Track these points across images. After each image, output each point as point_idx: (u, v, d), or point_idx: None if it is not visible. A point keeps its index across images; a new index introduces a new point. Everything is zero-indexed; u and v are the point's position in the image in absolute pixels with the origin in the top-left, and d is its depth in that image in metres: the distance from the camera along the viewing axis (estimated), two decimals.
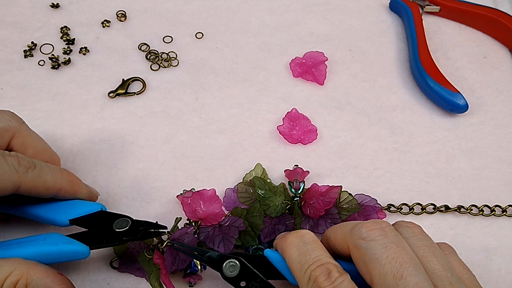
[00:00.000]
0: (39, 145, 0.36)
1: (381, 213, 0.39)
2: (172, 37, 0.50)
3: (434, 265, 0.29)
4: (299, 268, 0.30)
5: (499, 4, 0.53)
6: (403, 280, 0.27)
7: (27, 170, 0.32)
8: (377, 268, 0.28)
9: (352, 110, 0.46)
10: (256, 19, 0.52)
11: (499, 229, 0.40)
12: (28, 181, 0.31)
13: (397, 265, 0.28)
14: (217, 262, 0.32)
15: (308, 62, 0.47)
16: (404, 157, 0.43)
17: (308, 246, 0.31)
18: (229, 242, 0.35)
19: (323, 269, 0.29)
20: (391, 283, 0.27)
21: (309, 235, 0.32)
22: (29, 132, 0.35)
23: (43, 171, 0.33)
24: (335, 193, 0.38)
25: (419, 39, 0.48)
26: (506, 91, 0.47)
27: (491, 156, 0.43)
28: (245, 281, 0.31)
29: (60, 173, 0.34)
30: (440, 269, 0.29)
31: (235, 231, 0.36)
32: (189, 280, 0.35)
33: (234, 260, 0.32)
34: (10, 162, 0.31)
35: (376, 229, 0.30)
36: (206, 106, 0.45)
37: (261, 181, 0.39)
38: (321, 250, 0.31)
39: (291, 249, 0.31)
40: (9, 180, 0.30)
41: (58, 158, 0.37)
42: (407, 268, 0.28)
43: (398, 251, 0.29)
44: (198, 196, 0.38)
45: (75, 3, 0.52)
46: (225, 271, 0.32)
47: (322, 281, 0.28)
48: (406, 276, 0.28)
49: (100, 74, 0.47)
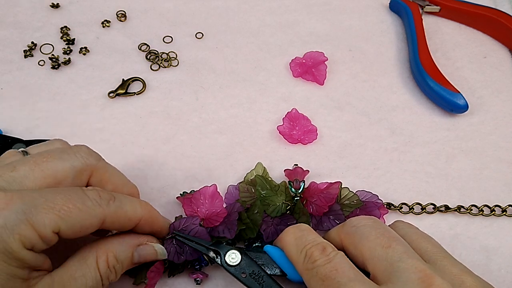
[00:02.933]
0: (118, 180, 0.34)
1: (383, 209, 0.39)
2: (172, 37, 0.50)
3: (426, 245, 0.31)
4: (295, 251, 0.32)
5: (499, 4, 0.53)
6: (391, 249, 0.29)
7: (108, 202, 0.30)
8: (366, 244, 0.30)
9: (352, 110, 0.46)
10: (256, 19, 0.52)
11: (499, 229, 0.40)
12: (112, 213, 0.30)
13: (385, 239, 0.30)
14: (219, 253, 0.34)
15: (308, 62, 0.47)
16: (404, 157, 0.43)
17: (303, 232, 0.32)
18: (232, 225, 0.36)
19: (318, 247, 0.31)
20: (380, 253, 0.29)
21: (304, 225, 0.34)
22: (106, 168, 0.33)
23: (123, 202, 0.31)
24: (335, 188, 0.38)
25: (419, 39, 0.48)
26: (506, 91, 0.47)
27: (491, 156, 0.43)
28: (246, 271, 0.33)
29: (139, 203, 0.33)
30: (431, 248, 0.31)
31: (235, 215, 0.37)
32: (196, 277, 0.35)
33: (235, 251, 0.33)
34: (91, 197, 0.29)
35: (366, 219, 0.32)
36: (206, 106, 0.45)
37: (263, 179, 0.39)
38: (315, 235, 0.32)
39: (288, 235, 0.33)
40: (95, 215, 0.29)
41: (137, 191, 0.36)
42: (395, 240, 0.30)
43: (385, 230, 0.31)
44: (198, 195, 0.38)
45: (75, 3, 0.52)
46: (227, 260, 0.33)
47: (316, 255, 0.30)
48: (394, 245, 0.29)
49: (100, 74, 0.47)
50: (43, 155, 0.31)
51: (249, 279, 0.33)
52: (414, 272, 0.28)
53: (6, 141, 0.41)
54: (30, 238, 0.26)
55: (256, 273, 0.33)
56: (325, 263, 0.29)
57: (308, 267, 0.30)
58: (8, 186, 0.28)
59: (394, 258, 0.29)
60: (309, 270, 0.30)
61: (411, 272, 0.28)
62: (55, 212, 0.27)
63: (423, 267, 0.28)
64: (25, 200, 0.27)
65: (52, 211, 0.27)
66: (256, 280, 0.32)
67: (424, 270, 0.28)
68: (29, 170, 0.29)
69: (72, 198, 0.28)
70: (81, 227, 0.28)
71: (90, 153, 0.33)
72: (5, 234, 0.25)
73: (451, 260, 0.30)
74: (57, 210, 0.27)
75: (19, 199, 0.26)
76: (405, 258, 0.29)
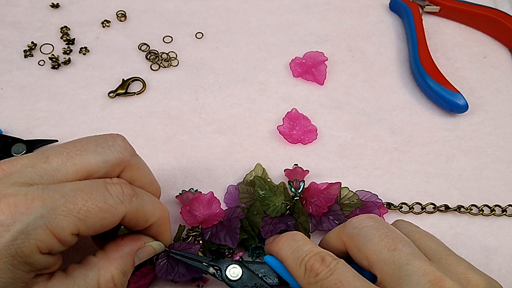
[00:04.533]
0: (147, 179, 0.33)
1: (383, 208, 0.39)
2: (172, 37, 0.50)
3: (430, 244, 0.31)
4: (294, 264, 0.31)
5: (499, 4, 0.53)
6: (398, 251, 0.29)
7: (131, 199, 0.29)
8: (371, 247, 0.29)
9: (352, 110, 0.46)
10: (256, 19, 0.52)
11: (499, 229, 0.40)
12: (133, 210, 0.29)
13: (390, 240, 0.29)
14: (219, 268, 0.33)
15: (308, 62, 0.47)
16: (404, 157, 0.43)
17: (299, 243, 0.31)
18: (234, 233, 0.36)
19: (317, 258, 0.30)
20: (386, 256, 0.29)
21: (298, 234, 0.32)
22: (139, 165, 0.32)
23: (145, 201, 0.30)
24: (335, 189, 0.38)
25: (419, 39, 0.48)
26: (506, 91, 0.47)
27: (491, 156, 0.43)
28: (248, 284, 0.32)
29: (159, 203, 0.32)
30: (435, 246, 0.31)
31: (236, 221, 0.36)
32: (198, 284, 0.35)
33: (236, 265, 0.33)
34: (114, 194, 0.28)
35: (367, 218, 0.31)
36: (206, 106, 0.45)
37: (262, 180, 0.39)
38: (311, 244, 0.31)
39: (284, 249, 0.32)
40: (116, 214, 0.28)
41: (160, 192, 0.35)
42: (400, 241, 0.29)
43: (389, 231, 0.30)
44: (195, 202, 0.38)
45: (75, 3, 0.52)
46: (228, 275, 0.32)
47: (318, 267, 0.29)
48: (400, 247, 0.29)
49: (100, 74, 0.47)
50: (78, 147, 0.29)
51: None
52: (424, 275, 0.27)
53: (6, 141, 0.41)
54: (47, 243, 0.26)
55: (258, 285, 0.32)
56: (328, 276, 0.28)
57: (310, 281, 0.29)
58: (38, 180, 0.27)
59: (402, 261, 0.28)
60: (311, 284, 0.29)
61: (421, 275, 0.27)
62: (74, 214, 0.26)
63: (432, 268, 0.27)
64: (45, 203, 0.26)
65: (72, 214, 0.26)
66: None
67: (433, 272, 0.27)
68: (62, 163, 0.28)
69: (94, 197, 0.27)
70: (101, 226, 0.28)
71: (125, 147, 0.31)
72: (21, 239, 0.25)
73: (455, 258, 0.30)
74: (77, 211, 0.27)
75: (40, 201, 0.26)
76: (412, 260, 0.28)
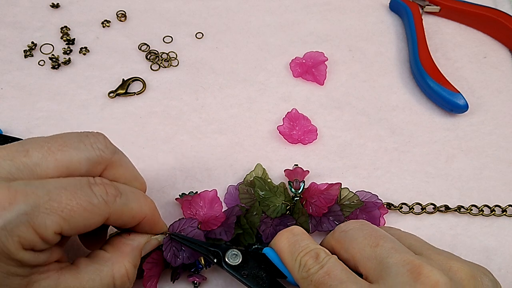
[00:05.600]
0: (131, 175, 0.32)
1: (383, 208, 0.39)
2: (172, 37, 0.50)
3: (411, 242, 0.32)
4: (290, 258, 0.32)
5: (499, 4, 0.53)
6: (379, 247, 0.30)
7: (115, 198, 0.29)
8: (356, 245, 0.31)
9: (352, 110, 0.46)
10: (256, 19, 0.52)
11: (499, 229, 0.40)
12: (117, 210, 0.29)
13: (373, 238, 0.31)
14: (219, 253, 0.33)
15: (308, 62, 0.47)
16: (404, 157, 0.43)
17: (297, 237, 0.32)
18: (229, 227, 0.36)
19: (311, 254, 0.31)
20: (369, 253, 0.30)
21: (297, 229, 0.34)
22: (121, 162, 0.32)
23: (129, 198, 0.30)
24: (335, 190, 0.38)
25: (419, 39, 0.48)
26: (506, 91, 0.47)
27: (491, 156, 0.43)
28: (247, 270, 0.33)
29: (145, 199, 0.32)
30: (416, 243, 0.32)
31: (233, 218, 0.37)
32: (193, 280, 0.35)
33: (236, 250, 0.33)
34: (98, 194, 0.28)
35: (353, 222, 0.33)
36: (206, 106, 0.45)
37: (261, 181, 0.39)
38: (309, 239, 0.32)
39: (282, 241, 0.33)
40: (100, 214, 0.28)
41: (145, 186, 0.34)
42: (382, 238, 0.30)
43: (373, 230, 0.32)
44: (198, 198, 0.38)
45: (75, 3, 0.52)
46: (228, 259, 0.33)
47: (310, 264, 0.30)
48: (382, 243, 0.30)
49: (100, 74, 0.47)
50: (59, 141, 0.29)
51: (250, 279, 0.32)
52: (403, 265, 0.28)
53: (6, 141, 0.41)
54: (29, 240, 0.26)
55: (257, 274, 0.33)
56: (318, 270, 0.30)
57: (303, 276, 0.30)
58: (18, 174, 0.27)
59: (383, 255, 0.29)
60: (304, 278, 0.30)
61: (400, 266, 0.28)
62: (58, 213, 0.26)
63: (412, 258, 0.28)
64: (28, 200, 0.26)
65: (55, 212, 0.26)
66: (257, 281, 0.32)
67: (412, 261, 0.28)
68: (42, 157, 0.28)
69: (78, 196, 0.27)
70: (85, 226, 0.28)
71: (106, 146, 0.31)
72: (4, 236, 0.25)
73: (436, 250, 0.31)
74: (61, 210, 0.26)
75: (23, 197, 0.26)
76: (393, 253, 0.29)
